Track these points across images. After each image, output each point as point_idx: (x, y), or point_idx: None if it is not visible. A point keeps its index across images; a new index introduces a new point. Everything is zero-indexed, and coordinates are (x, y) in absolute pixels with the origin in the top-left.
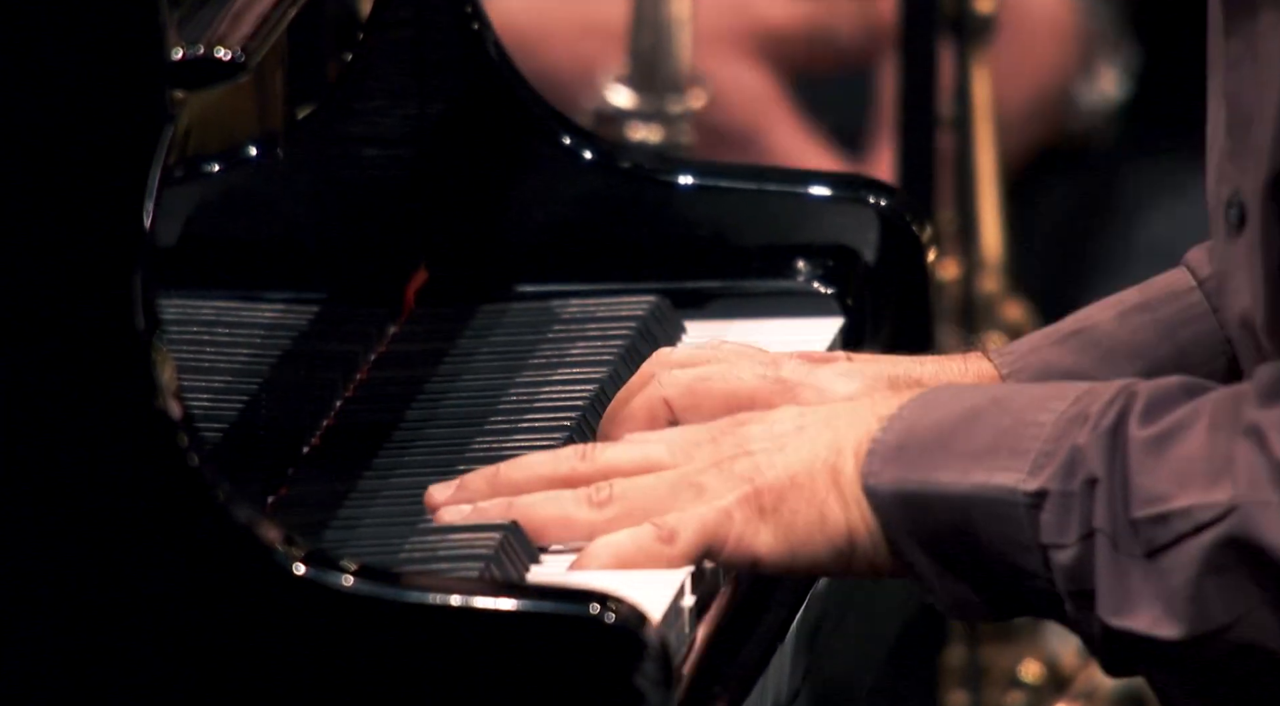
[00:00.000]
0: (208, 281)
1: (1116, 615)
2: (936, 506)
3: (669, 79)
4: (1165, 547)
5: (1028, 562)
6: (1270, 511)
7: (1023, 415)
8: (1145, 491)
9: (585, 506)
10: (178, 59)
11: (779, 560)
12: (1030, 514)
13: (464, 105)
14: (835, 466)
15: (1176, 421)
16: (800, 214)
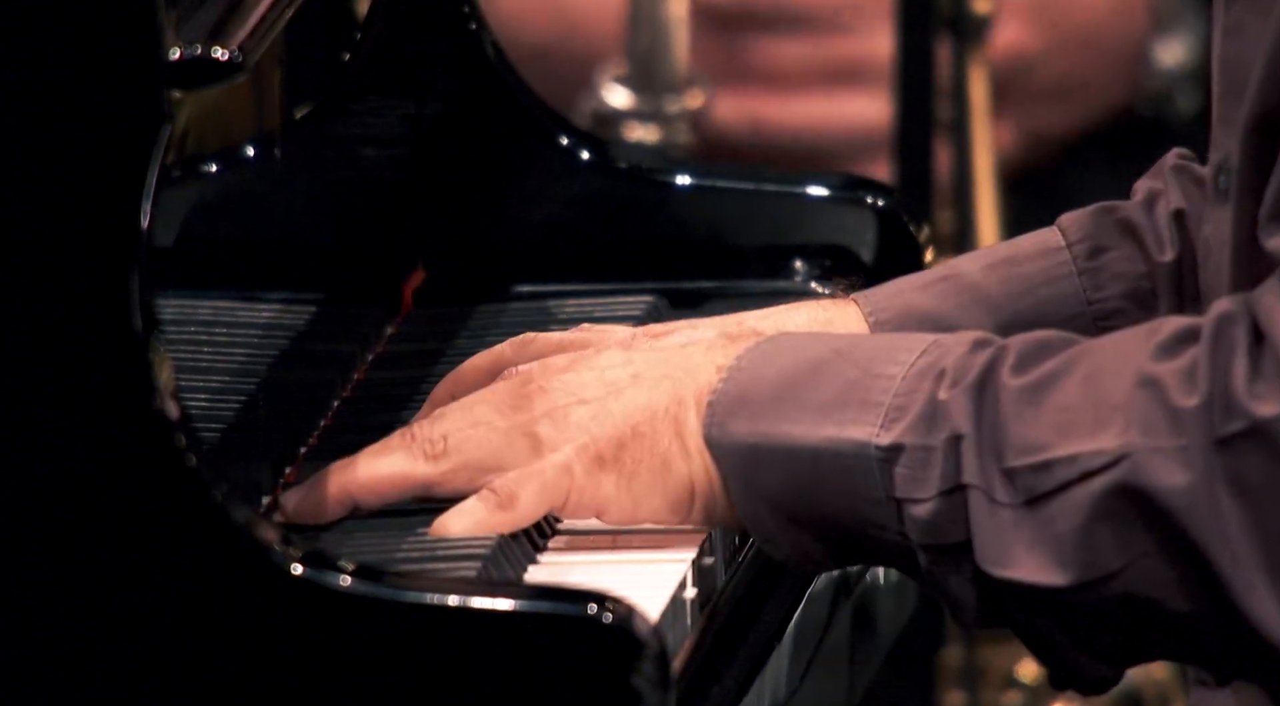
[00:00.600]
0: (205, 281)
1: (997, 565)
2: (782, 459)
3: (666, 79)
4: (1047, 495)
5: (877, 516)
6: (1164, 458)
7: (870, 367)
8: (1022, 440)
9: (422, 461)
10: (175, 59)
11: (621, 511)
12: (884, 467)
13: (461, 105)
14: (678, 417)
15: (1050, 371)
16: (798, 214)
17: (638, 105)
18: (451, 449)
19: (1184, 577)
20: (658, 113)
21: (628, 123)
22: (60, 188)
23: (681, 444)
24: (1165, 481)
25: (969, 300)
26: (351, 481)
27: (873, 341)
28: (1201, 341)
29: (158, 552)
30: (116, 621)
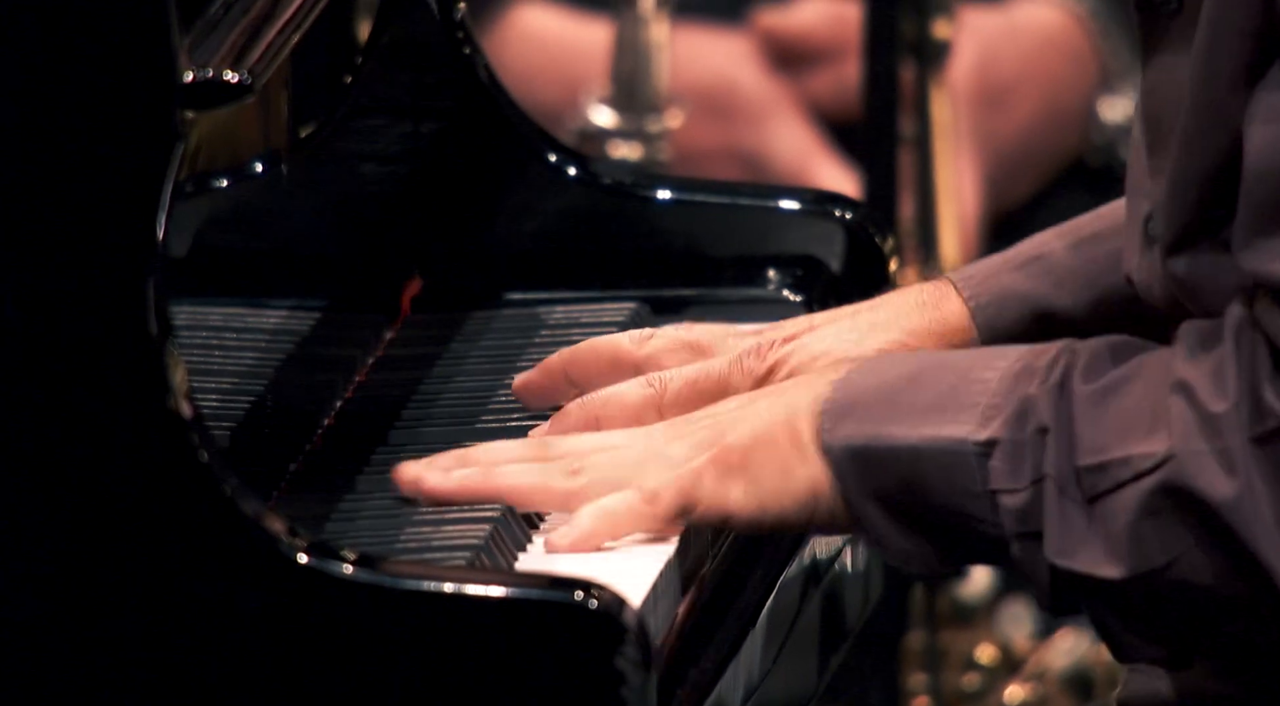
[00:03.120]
0: (216, 289)
1: (1061, 556)
2: (887, 459)
3: (648, 100)
4: (1106, 493)
5: (976, 509)
6: (1201, 460)
7: (967, 373)
8: (1089, 441)
9: (559, 476)
10: (188, 81)
11: (750, 515)
12: (980, 462)
13: (456, 124)
14: (793, 426)
15: (1115, 378)
16: (771, 226)
17: (621, 124)
18: (589, 466)
19: (1229, 570)
20: (640, 132)
21: (612, 141)
22: (81, 202)
23: (799, 451)
24: (1207, 481)
25: (1061, 278)
26: (497, 487)
27: (972, 353)
28: (1225, 345)
29: (172, 543)
30: (134, 606)
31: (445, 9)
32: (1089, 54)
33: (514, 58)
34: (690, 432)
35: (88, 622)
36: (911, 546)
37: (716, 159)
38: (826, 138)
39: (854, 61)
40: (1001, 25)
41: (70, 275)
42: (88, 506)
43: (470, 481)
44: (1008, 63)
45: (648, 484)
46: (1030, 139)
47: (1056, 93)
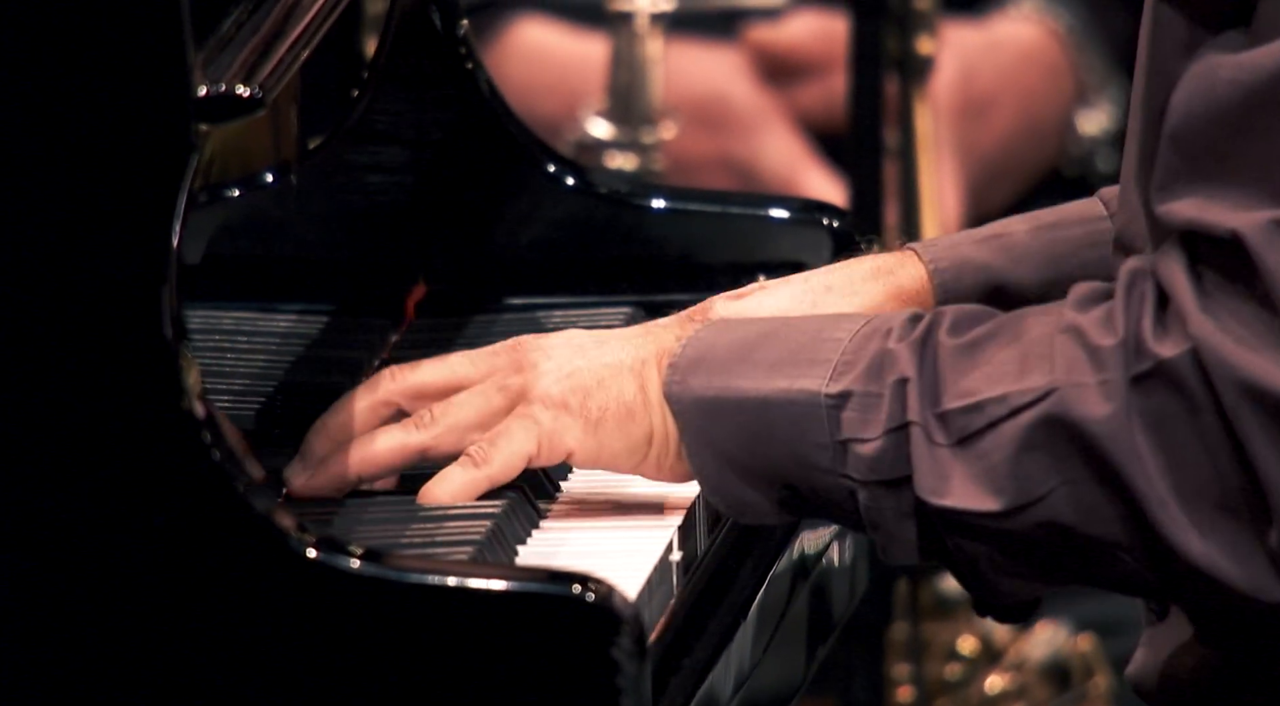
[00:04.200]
0: (228, 294)
1: (935, 494)
2: (734, 411)
3: (643, 112)
4: (979, 432)
5: (822, 459)
6: (1086, 391)
7: (819, 333)
8: (956, 388)
9: (414, 431)
10: (202, 96)
11: (586, 453)
12: (832, 413)
13: (458, 136)
14: (642, 373)
15: (982, 333)
16: (761, 234)
17: (617, 136)
18: (438, 415)
19: (1105, 502)
20: (635, 143)
21: (608, 151)
22: (99, 210)
23: (644, 396)
24: (1089, 412)
25: (1019, 256)
26: (354, 459)
27: (820, 316)
28: (1116, 293)
29: (186, 538)
30: (150, 600)
31: (449, 25)
32: (1066, 69)
33: (514, 72)
34: (531, 368)
35: (104, 615)
36: (747, 496)
37: (709, 169)
38: (814, 148)
39: (841, 75)
40: (982, 41)
41: (89, 280)
42: (105, 503)
43: (333, 468)
44: (988, 77)
45: (480, 447)
46: (1009, 150)
47: (1034, 106)
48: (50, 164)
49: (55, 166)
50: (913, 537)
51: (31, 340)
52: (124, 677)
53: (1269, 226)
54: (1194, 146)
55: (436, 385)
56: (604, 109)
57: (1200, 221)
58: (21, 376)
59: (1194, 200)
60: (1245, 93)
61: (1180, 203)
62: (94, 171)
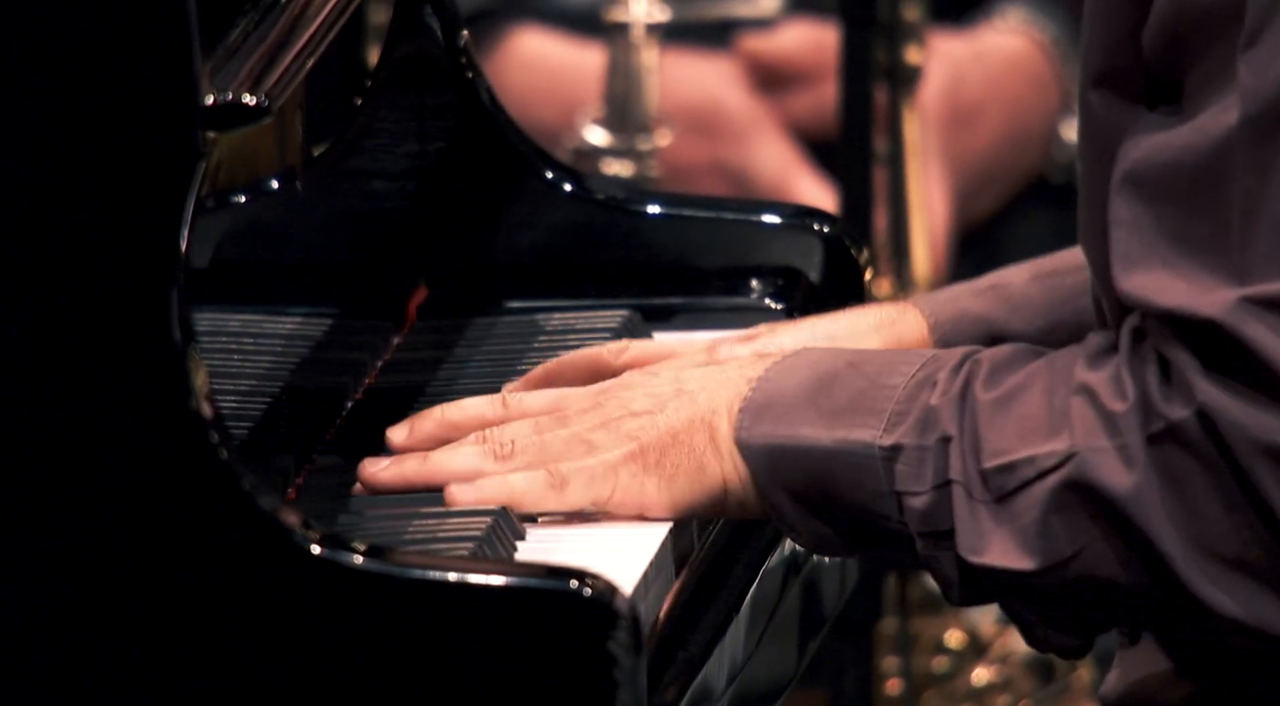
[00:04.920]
0: (234, 297)
1: (974, 553)
2: (800, 458)
3: (639, 120)
4: (1012, 492)
5: (882, 507)
6: (1102, 456)
7: (876, 379)
8: (992, 445)
9: (492, 461)
10: (209, 104)
11: (661, 509)
12: (886, 465)
13: (459, 143)
14: (711, 424)
15: (1015, 385)
16: (754, 239)
17: (614, 143)
18: (518, 450)
19: (1132, 560)
20: (631, 150)
21: (605, 158)
22: (109, 216)
23: (715, 447)
24: (1108, 476)
25: (1017, 306)
26: (434, 473)
27: (881, 356)
28: (1121, 354)
29: (193, 535)
30: (158, 596)
31: (449, 35)
32: (1051, 78)
33: (514, 81)
34: (618, 422)
35: (114, 608)
36: (821, 532)
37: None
38: (806, 155)
39: (832, 84)
40: (969, 51)
41: (99, 284)
42: (114, 500)
43: (407, 470)
44: (975, 86)
45: (562, 469)
46: (996, 157)
47: (1020, 114)
48: (62, 170)
49: (67, 173)
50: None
51: (44, 341)
52: (132, 671)
53: (1238, 306)
54: (1141, 228)
55: (540, 410)
56: (601, 117)
57: (1175, 310)
58: (34, 376)
59: (1154, 280)
60: (1181, 176)
61: (1139, 280)
62: (104, 178)
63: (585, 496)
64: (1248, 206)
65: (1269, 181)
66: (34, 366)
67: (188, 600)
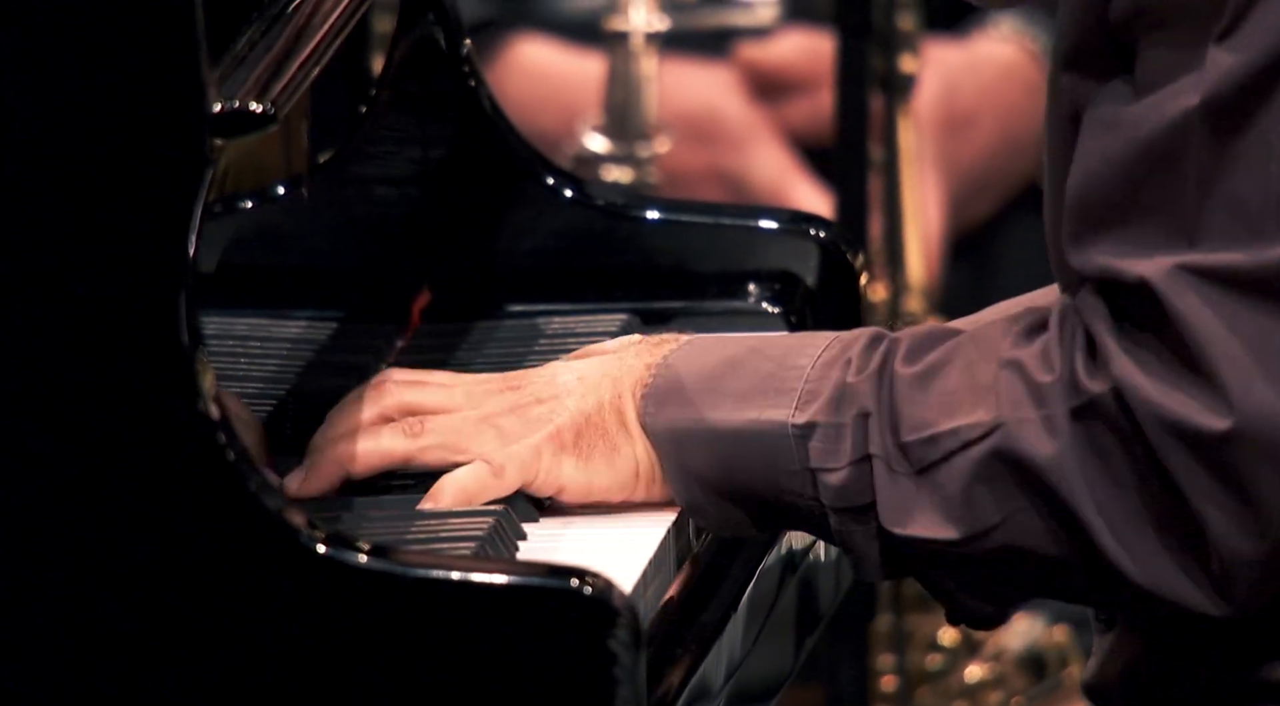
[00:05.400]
0: (242, 301)
1: (898, 525)
2: (708, 441)
3: (638, 127)
4: (935, 464)
5: (793, 485)
6: (1029, 427)
7: (783, 360)
8: (913, 419)
9: (402, 437)
10: (217, 111)
11: (577, 488)
12: (799, 443)
13: (462, 150)
14: (620, 408)
15: (935, 361)
16: (751, 244)
17: (613, 150)
18: (428, 430)
19: (1053, 528)
20: (631, 156)
21: (605, 165)
22: (119, 221)
23: (625, 430)
24: (1033, 446)
25: None
26: (343, 457)
27: (783, 339)
28: (1050, 330)
29: (201, 534)
30: (166, 593)
31: (452, 44)
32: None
33: (515, 89)
34: (524, 408)
35: (122, 607)
36: (729, 514)
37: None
38: (802, 162)
39: (828, 92)
40: (962, 60)
41: (109, 288)
42: (123, 500)
43: (323, 471)
44: (968, 94)
45: (495, 458)
46: (989, 164)
47: (1013, 122)
48: (72, 176)
49: (77, 179)
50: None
51: (55, 344)
52: (140, 669)
53: (1173, 272)
54: (1096, 200)
55: (428, 407)
56: (601, 124)
57: (1110, 270)
58: (45, 377)
59: (1102, 250)
60: (1137, 146)
61: (1089, 253)
62: (114, 184)
63: (517, 481)
64: (1202, 181)
65: (1225, 162)
66: (45, 367)
67: (195, 598)
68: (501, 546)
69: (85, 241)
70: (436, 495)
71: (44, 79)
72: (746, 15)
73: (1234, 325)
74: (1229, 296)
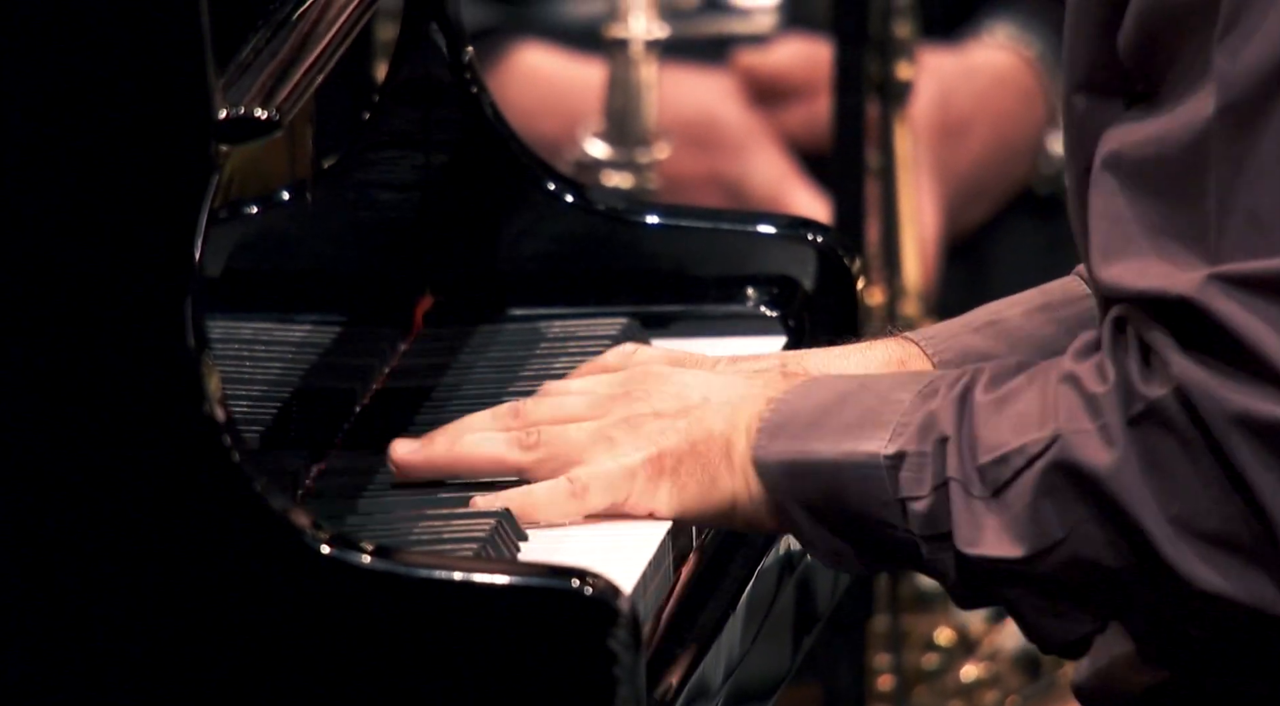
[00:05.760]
0: (247, 305)
1: (970, 545)
2: (812, 473)
3: (638, 134)
4: (1007, 484)
5: (888, 516)
6: (1084, 437)
7: (886, 395)
8: (988, 442)
9: (517, 449)
10: (222, 118)
11: (670, 515)
12: (891, 474)
13: (464, 156)
14: (729, 440)
15: (1012, 388)
16: (750, 249)
17: (614, 156)
18: (544, 442)
19: (1117, 539)
20: (631, 162)
21: (605, 170)
22: (126, 226)
23: (729, 462)
24: (1090, 456)
25: (1016, 342)
26: (459, 456)
27: (894, 376)
28: (1103, 343)
29: (207, 535)
30: (173, 594)
31: (454, 52)
32: (1038, 93)
33: (517, 95)
34: (640, 420)
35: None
36: (836, 547)
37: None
38: (800, 168)
39: (825, 99)
40: (958, 67)
41: (117, 292)
42: (130, 502)
43: (435, 452)
44: (964, 101)
45: (582, 476)
46: (984, 169)
47: (1008, 128)
48: (81, 182)
49: (85, 185)
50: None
51: (63, 348)
52: (146, 669)
53: (1208, 283)
54: (1120, 218)
55: (551, 423)
56: (601, 130)
57: (1148, 291)
58: (54, 382)
59: (1131, 268)
60: (1164, 163)
61: (1117, 270)
62: (121, 190)
63: (603, 502)
64: (1222, 195)
65: (1243, 171)
66: (53, 371)
67: (202, 598)
68: (504, 547)
69: (93, 246)
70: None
71: (52, 86)
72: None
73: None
74: (1266, 297)
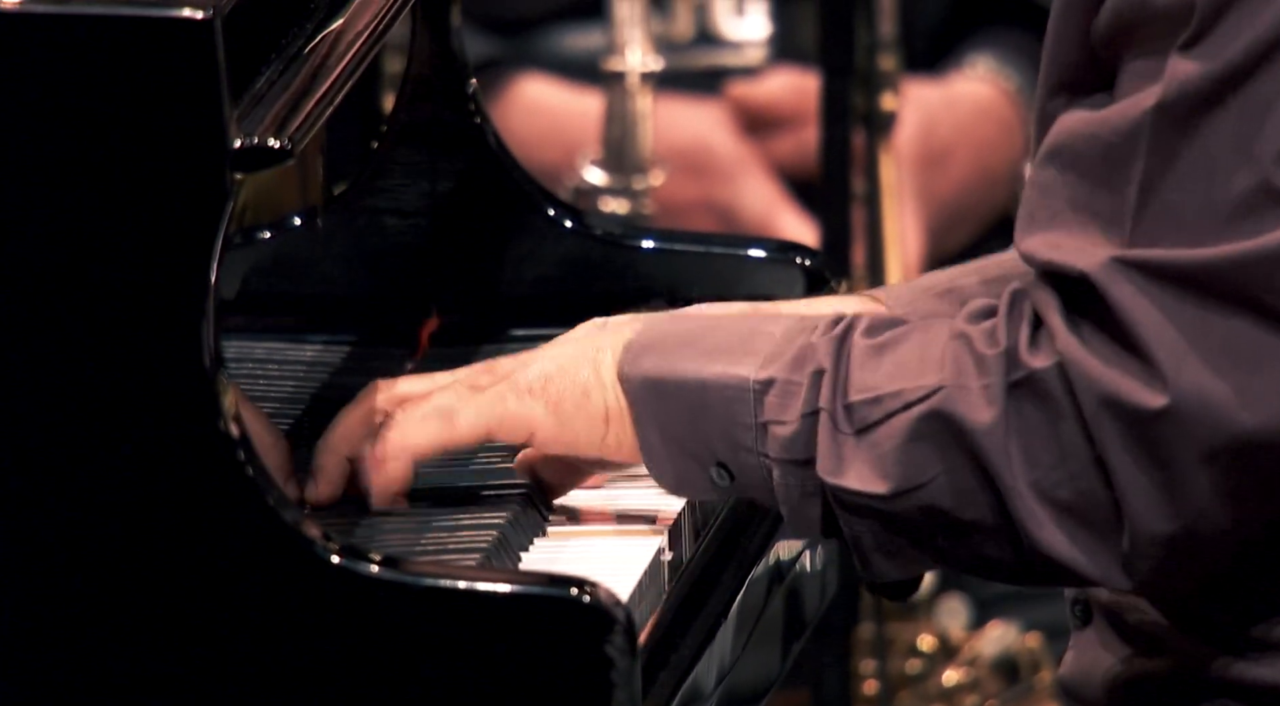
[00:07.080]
0: (260, 327)
1: (832, 475)
2: (677, 391)
3: (634, 161)
4: (875, 423)
5: (746, 439)
6: (969, 394)
7: (759, 325)
8: (862, 382)
9: (390, 425)
10: (238, 147)
11: (548, 432)
12: (757, 397)
13: (468, 183)
14: (596, 360)
15: (891, 337)
16: (740, 271)
17: (611, 183)
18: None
19: (977, 491)
20: (627, 189)
21: (603, 197)
22: (144, 252)
23: (598, 378)
24: (970, 411)
25: None
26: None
27: (761, 312)
28: (1000, 311)
29: (222, 547)
30: (187, 603)
31: (458, 83)
32: (1016, 123)
33: (518, 125)
34: (496, 365)
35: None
36: (687, 472)
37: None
38: (789, 194)
39: (813, 128)
40: (940, 98)
41: (135, 314)
42: (148, 515)
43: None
44: (946, 131)
45: (445, 402)
46: (965, 196)
47: (988, 157)
48: (101, 210)
49: (106, 213)
50: (815, 514)
51: (85, 369)
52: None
53: (1109, 264)
54: (1050, 192)
55: (419, 393)
56: (599, 158)
57: (1054, 263)
58: (77, 399)
59: (1047, 240)
60: (1096, 147)
61: (1036, 240)
62: (141, 216)
63: (475, 425)
64: (1146, 185)
65: (1173, 167)
66: (76, 388)
67: (216, 606)
68: (505, 557)
69: (114, 269)
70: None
71: (75, 118)
72: (737, 56)
73: (1168, 313)
74: (1163, 287)
